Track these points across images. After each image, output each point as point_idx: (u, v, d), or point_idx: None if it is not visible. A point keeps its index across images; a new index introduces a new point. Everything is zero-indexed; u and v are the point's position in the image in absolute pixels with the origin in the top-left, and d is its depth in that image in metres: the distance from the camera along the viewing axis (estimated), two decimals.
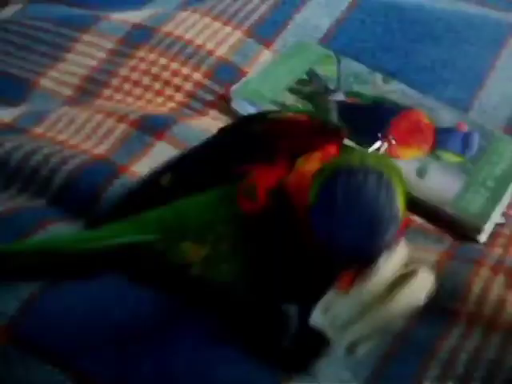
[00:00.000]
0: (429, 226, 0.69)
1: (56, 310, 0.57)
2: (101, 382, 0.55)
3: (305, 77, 0.81)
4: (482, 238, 0.69)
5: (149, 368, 0.55)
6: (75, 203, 0.66)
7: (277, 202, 0.55)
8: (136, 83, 0.81)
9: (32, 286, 0.58)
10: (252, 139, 0.59)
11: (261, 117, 0.60)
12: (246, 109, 0.78)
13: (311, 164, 0.56)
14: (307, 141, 0.57)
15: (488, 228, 0.69)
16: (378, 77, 0.82)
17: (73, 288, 0.58)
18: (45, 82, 0.81)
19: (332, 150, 0.58)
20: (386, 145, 0.74)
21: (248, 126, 0.59)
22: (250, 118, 0.63)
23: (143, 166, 0.69)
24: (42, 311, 0.57)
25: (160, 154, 0.70)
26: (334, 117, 0.77)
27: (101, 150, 0.71)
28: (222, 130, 0.62)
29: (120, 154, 0.70)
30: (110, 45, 0.84)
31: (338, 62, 0.83)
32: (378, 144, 0.74)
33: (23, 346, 0.55)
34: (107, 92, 0.80)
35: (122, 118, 0.73)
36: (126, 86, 0.80)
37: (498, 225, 0.70)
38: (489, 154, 0.75)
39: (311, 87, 0.80)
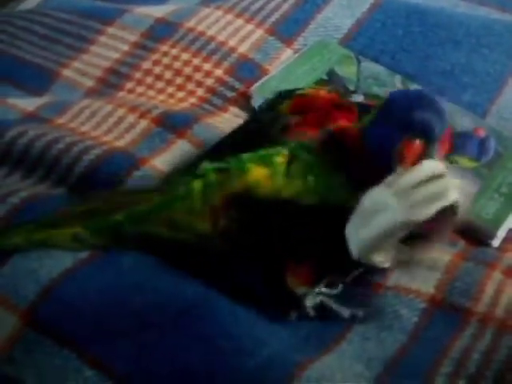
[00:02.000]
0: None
1: (75, 295, 0.58)
2: (117, 368, 0.56)
3: (325, 77, 0.82)
4: (495, 242, 0.69)
5: (164, 357, 0.56)
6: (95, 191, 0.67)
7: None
8: (158, 77, 0.82)
9: (52, 271, 0.59)
10: (282, 117, 0.63)
11: (289, 94, 0.66)
12: None
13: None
14: (328, 113, 0.64)
15: (501, 233, 0.70)
16: (397, 79, 0.82)
17: (92, 275, 0.60)
18: (67, 73, 0.83)
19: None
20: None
21: (278, 105, 0.65)
22: (279, 97, 0.68)
23: (164, 161, 0.70)
24: (61, 296, 0.58)
25: (180, 151, 0.71)
26: None
27: (122, 143, 0.72)
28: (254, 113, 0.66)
29: (141, 147, 0.71)
30: (133, 38, 0.86)
31: (358, 62, 0.84)
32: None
33: (42, 330, 0.57)
34: (129, 85, 0.82)
35: (143, 114, 0.74)
36: (148, 80, 0.82)
37: (511, 230, 0.71)
38: (505, 160, 0.76)
39: (331, 88, 0.81)
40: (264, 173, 0.59)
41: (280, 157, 0.60)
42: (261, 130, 0.65)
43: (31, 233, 0.62)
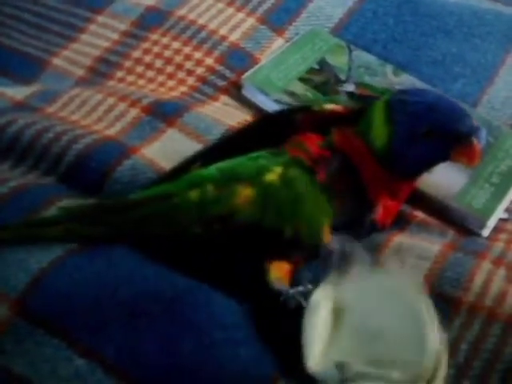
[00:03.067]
0: (432, 221, 0.69)
1: (65, 285, 0.58)
2: (107, 357, 0.56)
3: (316, 66, 0.82)
4: (485, 232, 0.70)
5: (155, 345, 0.56)
6: (84, 181, 0.67)
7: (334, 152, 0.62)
8: (148, 66, 0.81)
9: (42, 261, 0.59)
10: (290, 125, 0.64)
11: (304, 107, 0.67)
12: (256, 96, 0.79)
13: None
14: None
15: (491, 223, 0.70)
16: (389, 69, 0.82)
17: (82, 264, 0.60)
18: (57, 62, 0.82)
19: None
20: None
21: (291, 115, 0.65)
22: (293, 109, 0.69)
23: (154, 150, 0.69)
24: (51, 286, 0.58)
25: (171, 140, 0.71)
26: None
27: (112, 131, 0.72)
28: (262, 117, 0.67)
29: (131, 136, 0.71)
30: (123, 26, 0.85)
31: (350, 52, 0.84)
32: None
33: (32, 319, 0.56)
34: (119, 74, 0.81)
35: (134, 103, 0.74)
36: (139, 69, 0.81)
37: (501, 220, 0.71)
38: (495, 150, 0.76)
39: (322, 77, 0.81)
40: (250, 195, 0.60)
41: (271, 174, 0.61)
42: (267, 128, 0.65)
43: (20, 229, 0.61)
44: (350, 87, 0.80)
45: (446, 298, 0.61)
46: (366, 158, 0.62)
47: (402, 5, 0.91)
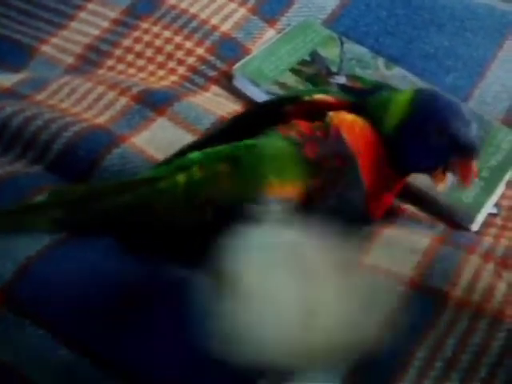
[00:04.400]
0: (422, 215, 0.69)
1: (51, 275, 0.58)
2: (90, 348, 0.56)
3: (307, 58, 0.81)
4: (474, 227, 0.70)
5: (141, 338, 0.56)
6: (73, 170, 0.67)
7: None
8: (139, 55, 0.81)
9: (29, 250, 0.58)
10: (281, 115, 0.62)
11: (294, 98, 0.64)
12: (247, 87, 0.78)
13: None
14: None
15: (480, 217, 0.70)
16: (380, 61, 0.82)
17: (69, 254, 0.59)
18: (46, 49, 0.81)
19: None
20: None
21: (281, 106, 0.63)
22: (283, 99, 0.66)
23: (143, 139, 0.69)
24: (37, 275, 0.57)
25: (161, 129, 0.70)
26: None
27: (101, 120, 0.71)
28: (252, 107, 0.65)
29: (120, 125, 0.71)
30: (113, 14, 0.84)
31: (341, 44, 0.83)
32: None
33: (18, 309, 0.56)
34: (110, 62, 0.80)
35: (123, 91, 0.73)
36: (129, 57, 0.80)
37: (490, 214, 0.71)
38: (486, 145, 0.76)
39: (313, 69, 0.80)
40: (229, 172, 0.57)
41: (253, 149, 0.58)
42: (258, 116, 0.64)
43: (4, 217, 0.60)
44: (342, 79, 0.80)
45: (435, 291, 0.61)
46: (368, 144, 0.61)
47: None
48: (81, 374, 0.56)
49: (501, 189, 0.73)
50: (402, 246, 0.64)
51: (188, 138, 0.69)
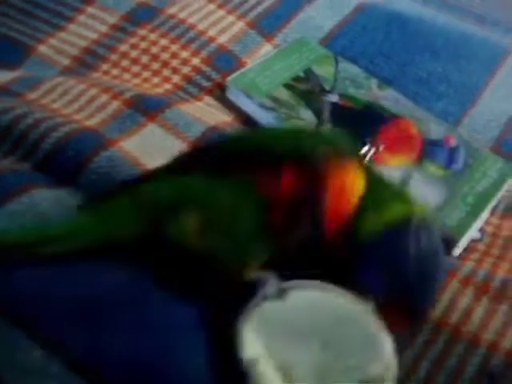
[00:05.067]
0: None
1: (28, 274, 0.57)
2: (68, 350, 0.55)
3: (302, 74, 0.82)
4: (457, 251, 0.70)
5: (117, 343, 0.55)
6: (60, 170, 0.66)
7: (304, 195, 0.55)
8: (135, 61, 0.81)
9: None
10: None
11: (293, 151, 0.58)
12: (240, 99, 0.78)
13: (350, 179, 0.57)
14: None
15: (463, 242, 0.70)
16: (374, 83, 0.83)
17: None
18: (43, 49, 0.81)
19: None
20: (373, 150, 0.75)
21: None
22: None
23: (132, 144, 0.69)
24: (14, 276, 0.57)
25: (151, 135, 0.71)
26: (325, 117, 0.78)
27: (92, 122, 0.71)
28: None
29: (111, 128, 0.71)
30: (112, 20, 0.85)
31: (336, 63, 0.84)
32: (365, 149, 0.75)
33: None
34: (105, 66, 0.80)
35: (116, 95, 0.73)
36: (125, 63, 0.81)
37: (473, 240, 0.71)
38: (473, 171, 0.76)
39: (307, 85, 0.81)
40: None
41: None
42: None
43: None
44: (334, 98, 0.80)
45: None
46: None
47: (391, 21, 0.92)
48: (53, 375, 0.55)
49: (485, 215, 0.73)
50: None
51: (177, 145, 0.69)
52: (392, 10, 0.93)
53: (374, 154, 0.75)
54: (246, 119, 0.77)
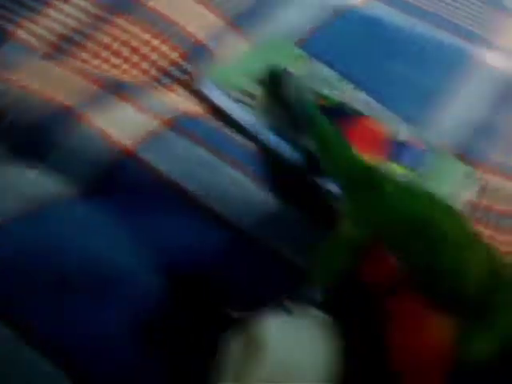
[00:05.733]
0: None
1: None
2: (37, 330, 0.56)
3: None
4: None
5: (85, 323, 0.57)
6: (36, 148, 0.68)
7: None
8: (114, 52, 0.82)
9: None
10: None
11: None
12: (213, 93, 0.80)
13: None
14: None
15: None
16: (346, 85, 0.85)
17: (13, 232, 0.60)
18: (22, 34, 0.82)
19: None
20: None
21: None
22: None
23: (106, 122, 0.71)
24: None
25: (123, 112, 0.73)
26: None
27: (69, 102, 0.72)
28: None
29: (85, 107, 0.72)
30: (93, 9, 0.86)
31: (311, 64, 0.86)
32: None
33: None
34: (83, 55, 0.82)
35: (94, 80, 0.75)
36: (104, 53, 0.82)
37: None
38: (436, 173, 0.78)
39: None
40: None
41: None
42: None
43: None
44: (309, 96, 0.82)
45: None
46: None
47: (369, 27, 0.94)
48: (15, 351, 0.56)
49: None
50: None
51: (149, 122, 0.72)
52: (369, 15, 0.96)
53: None
54: (217, 111, 0.79)
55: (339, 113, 0.82)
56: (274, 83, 0.73)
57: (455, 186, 0.78)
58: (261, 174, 0.71)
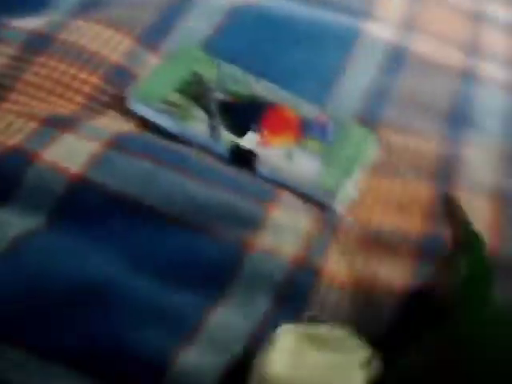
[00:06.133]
0: (300, 200, 0.84)
1: None
2: (24, 345, 0.64)
3: (189, 78, 0.94)
4: (339, 208, 0.85)
5: (71, 338, 0.65)
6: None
7: None
8: (39, 87, 0.89)
9: None
10: None
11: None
12: (140, 108, 0.90)
13: None
14: None
15: (343, 200, 0.86)
16: (251, 78, 0.96)
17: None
18: None
19: None
20: (258, 135, 0.89)
21: None
22: None
23: (54, 153, 0.79)
24: None
25: (67, 142, 0.81)
26: (215, 114, 0.91)
27: (14, 142, 0.79)
28: None
29: (32, 144, 0.79)
30: (11, 51, 0.92)
31: (217, 65, 0.97)
32: (251, 134, 0.89)
33: None
34: (13, 96, 0.88)
35: (32, 117, 0.82)
36: (30, 90, 0.89)
37: (352, 199, 0.86)
38: (342, 140, 0.91)
39: (195, 87, 0.93)
40: None
41: None
42: None
43: None
44: (220, 95, 0.93)
45: (314, 267, 0.76)
46: None
47: (258, 21, 1.04)
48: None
49: (357, 176, 0.89)
50: (288, 226, 0.78)
51: (92, 146, 0.80)
52: (260, 10, 1.05)
53: (260, 137, 0.89)
54: (148, 125, 0.88)
55: (251, 106, 0.93)
56: (194, 89, 0.83)
57: (361, 149, 0.91)
58: (199, 172, 0.82)
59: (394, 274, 0.77)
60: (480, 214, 0.84)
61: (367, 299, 0.73)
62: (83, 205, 0.76)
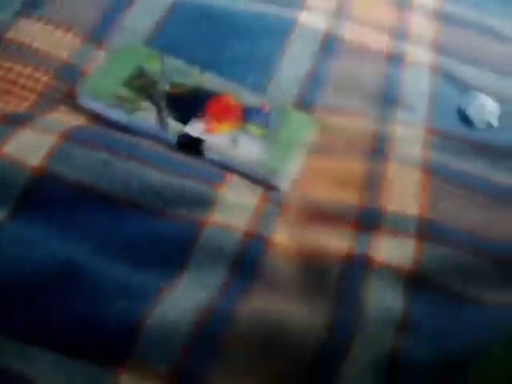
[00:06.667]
0: (247, 180, 0.90)
1: None
2: (11, 333, 0.67)
3: (135, 73, 0.99)
4: (284, 186, 0.92)
5: (46, 319, 0.68)
6: None
7: None
8: None
9: None
10: None
11: None
12: (91, 104, 0.95)
13: None
14: None
15: (287, 179, 0.93)
16: (195, 70, 1.02)
17: None
18: None
19: None
20: (204, 123, 0.95)
21: None
22: None
23: (13, 149, 0.83)
24: None
25: (25, 138, 0.85)
26: (162, 105, 0.96)
27: None
28: None
29: None
30: None
31: (162, 58, 1.02)
32: (197, 122, 0.95)
33: None
34: None
35: None
36: None
37: (293, 177, 0.93)
38: (282, 124, 0.98)
39: (142, 81, 0.99)
40: None
41: None
42: None
43: None
44: (166, 87, 0.99)
45: (262, 237, 0.82)
46: None
47: (200, 15, 1.10)
48: None
49: (297, 155, 0.96)
50: (237, 204, 0.85)
51: (50, 139, 0.84)
52: (202, 4, 1.11)
53: (205, 125, 0.95)
54: (99, 118, 0.93)
55: (196, 96, 0.99)
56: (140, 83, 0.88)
57: (300, 132, 0.99)
58: (152, 160, 0.88)
59: (335, 243, 0.84)
60: (410, 185, 0.93)
61: (310, 265, 0.80)
62: (46, 196, 0.81)
